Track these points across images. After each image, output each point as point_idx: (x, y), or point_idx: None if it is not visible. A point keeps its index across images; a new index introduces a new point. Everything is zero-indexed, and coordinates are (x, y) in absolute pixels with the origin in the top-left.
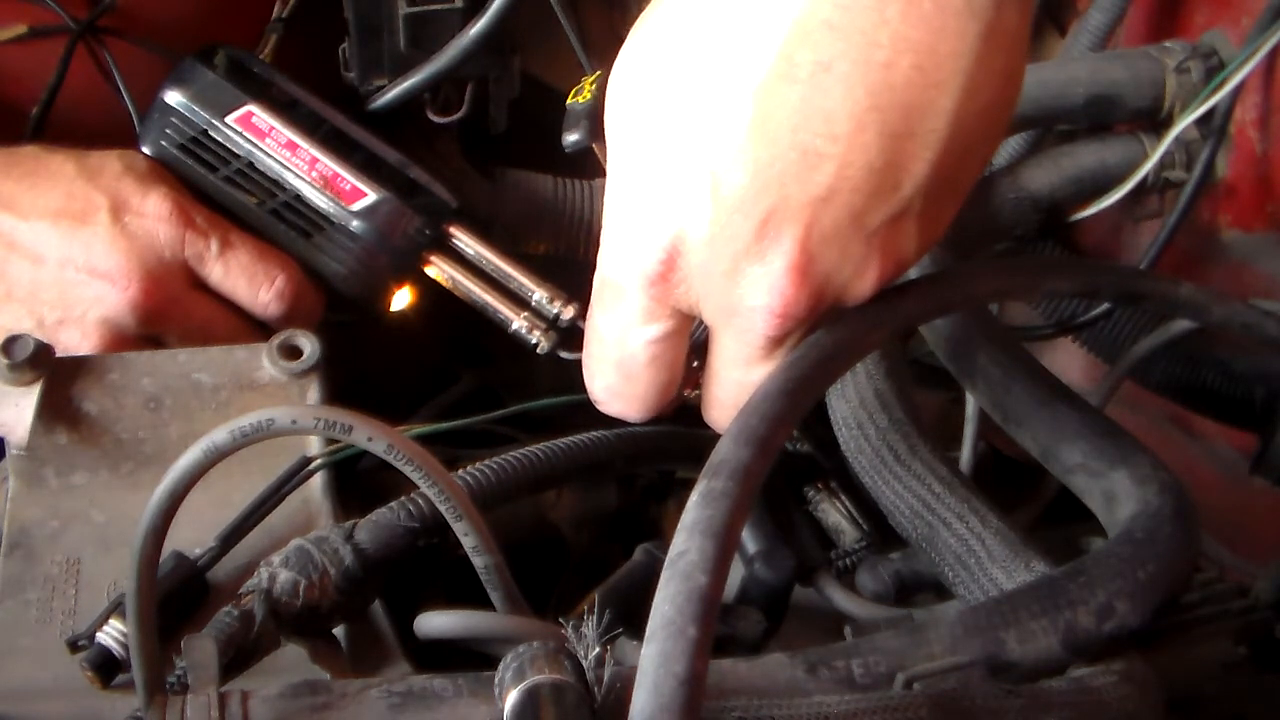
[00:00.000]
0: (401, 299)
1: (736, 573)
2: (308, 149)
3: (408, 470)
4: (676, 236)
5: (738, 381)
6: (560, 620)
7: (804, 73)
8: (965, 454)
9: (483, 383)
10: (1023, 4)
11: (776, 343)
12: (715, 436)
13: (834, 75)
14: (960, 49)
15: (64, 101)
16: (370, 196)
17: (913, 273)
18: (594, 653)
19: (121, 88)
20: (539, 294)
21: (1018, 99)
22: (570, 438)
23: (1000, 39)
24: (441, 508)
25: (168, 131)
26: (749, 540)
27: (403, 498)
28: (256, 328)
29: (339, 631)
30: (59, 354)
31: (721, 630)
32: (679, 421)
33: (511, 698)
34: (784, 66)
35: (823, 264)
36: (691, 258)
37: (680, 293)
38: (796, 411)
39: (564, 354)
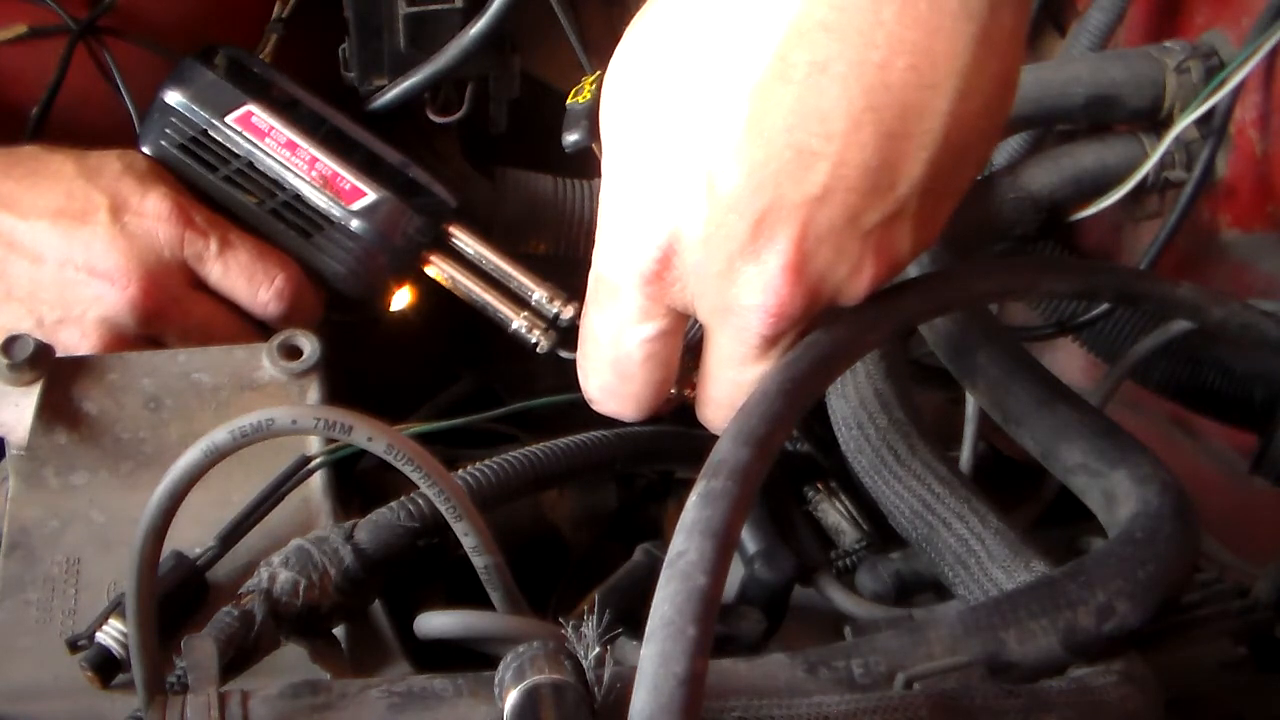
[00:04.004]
0: (401, 299)
1: (736, 573)
2: (307, 149)
3: (408, 470)
4: (672, 235)
5: (732, 381)
6: (560, 620)
7: (799, 73)
8: (965, 454)
9: (483, 383)
10: (1019, 6)
11: (771, 342)
12: (714, 436)
13: (829, 75)
14: (956, 50)
15: (64, 101)
16: (370, 196)
17: (912, 272)
18: (594, 653)
19: (121, 88)
20: (538, 293)
21: (1013, 101)
22: (570, 438)
23: (996, 41)
24: (441, 508)
25: (168, 131)
26: (749, 540)
27: (403, 498)
28: (256, 328)
29: (339, 631)
30: (59, 354)
31: (721, 630)
32: (678, 421)
33: (511, 698)
34: (779, 66)
35: (818, 263)
36: (687, 257)
37: (675, 291)
38: (795, 411)
39: (563, 353)
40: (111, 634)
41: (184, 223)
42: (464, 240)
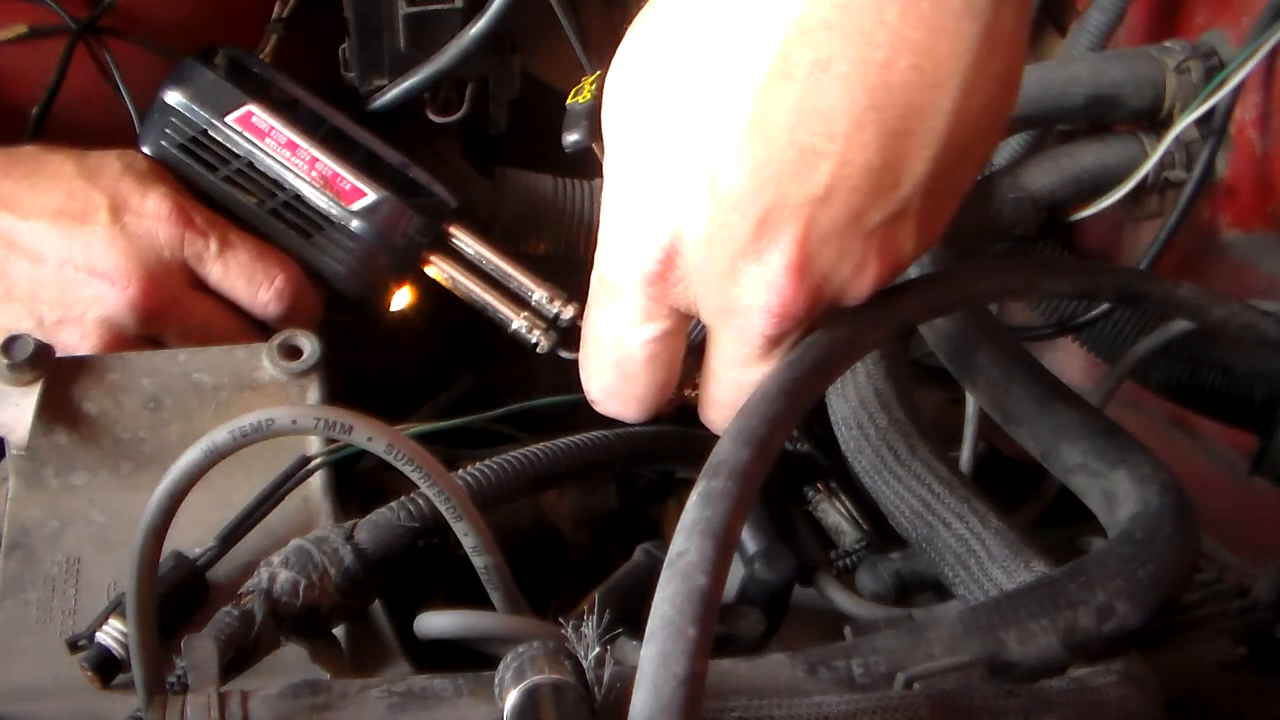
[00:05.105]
0: (401, 299)
1: (736, 573)
2: (307, 149)
3: (408, 470)
4: (674, 236)
5: (735, 381)
6: (560, 620)
7: (802, 72)
8: (965, 454)
9: (483, 383)
10: (1021, 5)
11: (774, 342)
12: (715, 436)
13: (832, 74)
14: (958, 49)
15: (64, 101)
16: (370, 196)
17: (912, 272)
18: (594, 653)
19: (121, 88)
20: (539, 294)
21: (1016, 100)
22: (570, 438)
23: (998, 40)
24: (441, 508)
25: (168, 131)
26: (749, 540)
27: (403, 498)
28: (256, 327)
29: (339, 631)
30: (59, 354)
31: (721, 630)
32: (678, 421)
33: (511, 698)
34: (782, 66)
35: (821, 263)
36: (689, 257)
37: (678, 292)
38: (795, 411)
39: (564, 353)
40: (111, 634)
41: (184, 223)
42: (464, 240)
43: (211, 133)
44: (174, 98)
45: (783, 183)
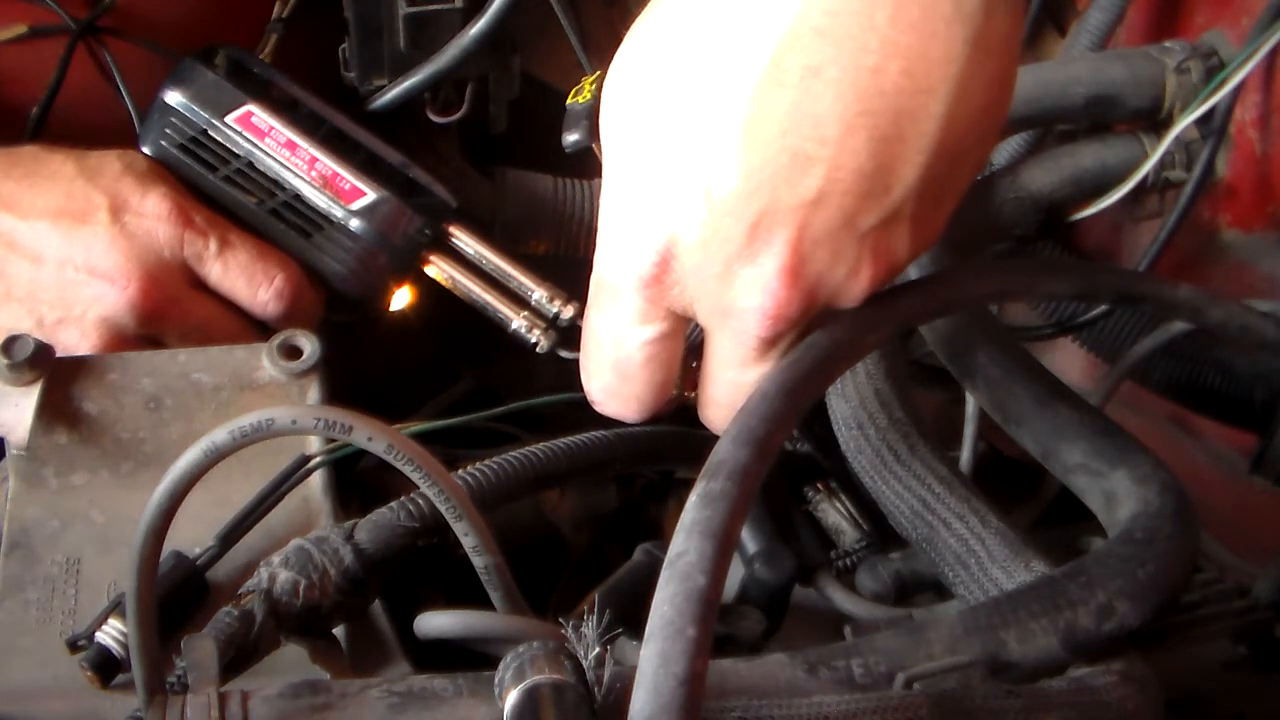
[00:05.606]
0: (401, 299)
1: (736, 573)
2: (307, 149)
3: (408, 470)
4: (670, 239)
5: (732, 382)
6: (560, 620)
7: (793, 77)
8: (965, 454)
9: (483, 382)
10: (1013, 8)
11: (769, 344)
12: (714, 437)
13: (823, 80)
14: (949, 54)
15: (64, 101)
16: (370, 196)
17: (912, 272)
18: (594, 653)
19: (121, 88)
20: (538, 293)
21: (1009, 103)
22: (570, 438)
23: (990, 44)
24: (441, 508)
25: (168, 131)
26: (749, 540)
27: (403, 498)
28: (256, 327)
29: (339, 631)
30: (59, 354)
31: (721, 630)
32: (678, 421)
33: (511, 698)
34: (774, 72)
35: (814, 266)
36: (685, 260)
37: (675, 294)
38: (795, 412)
39: (563, 353)
40: (111, 634)
41: (184, 223)
42: (464, 240)
43: (211, 133)
44: (174, 98)
45: (776, 187)
